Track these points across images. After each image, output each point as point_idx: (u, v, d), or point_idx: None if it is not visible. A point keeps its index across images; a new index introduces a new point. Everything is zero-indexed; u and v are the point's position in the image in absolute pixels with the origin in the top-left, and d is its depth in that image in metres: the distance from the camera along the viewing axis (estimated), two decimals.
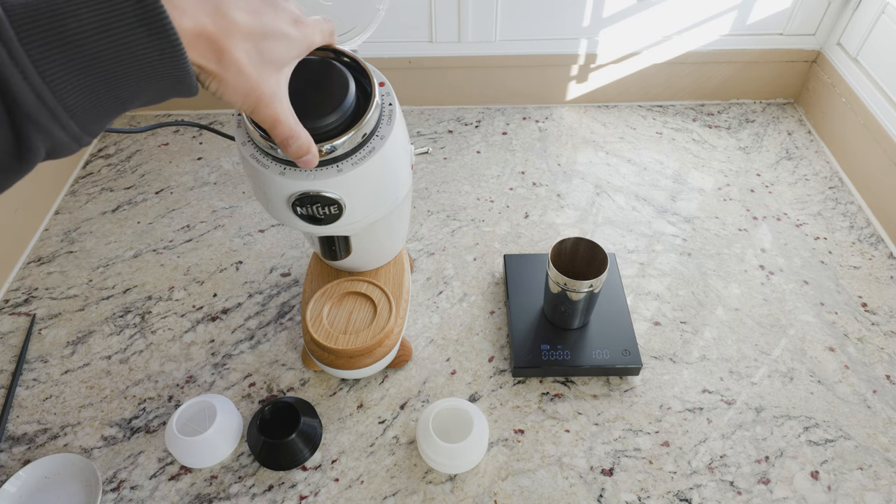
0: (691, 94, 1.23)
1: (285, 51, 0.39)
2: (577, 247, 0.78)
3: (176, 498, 0.70)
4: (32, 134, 0.29)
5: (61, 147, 0.31)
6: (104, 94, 0.31)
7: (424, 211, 1.03)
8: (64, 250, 0.96)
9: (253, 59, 0.36)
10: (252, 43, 0.36)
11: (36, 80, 0.28)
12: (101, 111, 0.32)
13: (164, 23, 0.30)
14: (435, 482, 0.71)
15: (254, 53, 0.36)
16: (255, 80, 0.37)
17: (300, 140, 0.43)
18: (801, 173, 1.09)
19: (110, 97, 0.31)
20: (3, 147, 0.29)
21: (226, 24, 0.34)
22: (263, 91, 0.38)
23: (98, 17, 0.29)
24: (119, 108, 0.33)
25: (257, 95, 0.38)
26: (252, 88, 0.37)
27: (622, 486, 0.71)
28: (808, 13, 1.12)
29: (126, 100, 0.32)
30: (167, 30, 0.30)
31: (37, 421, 0.77)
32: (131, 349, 0.84)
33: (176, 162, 1.12)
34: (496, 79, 1.19)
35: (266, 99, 0.38)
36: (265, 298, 0.90)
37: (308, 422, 0.73)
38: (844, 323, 0.86)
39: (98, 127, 0.33)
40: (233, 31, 0.35)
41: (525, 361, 0.78)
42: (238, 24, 0.35)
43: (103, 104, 0.32)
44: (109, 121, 0.33)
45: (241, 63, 0.35)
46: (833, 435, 0.75)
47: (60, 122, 0.30)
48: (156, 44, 0.30)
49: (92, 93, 0.30)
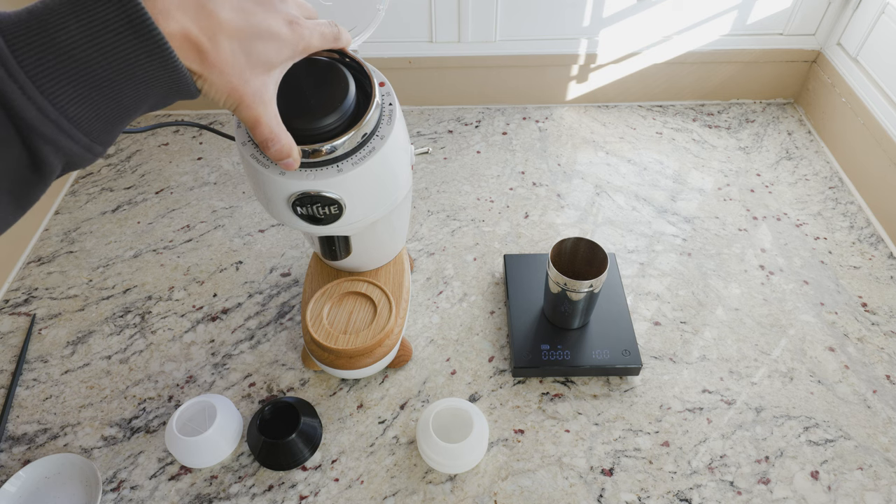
0: (691, 94, 1.23)
1: (275, 52, 0.38)
2: (577, 247, 0.78)
3: (176, 498, 0.70)
4: (42, 146, 0.30)
5: (76, 158, 0.32)
6: (105, 102, 0.31)
7: (424, 211, 1.03)
8: (64, 250, 0.96)
9: (238, 60, 0.36)
10: (238, 43, 0.36)
11: (35, 94, 0.29)
12: (107, 120, 0.32)
13: (148, 26, 0.30)
14: (435, 482, 0.71)
15: (240, 54, 0.36)
16: (238, 81, 0.37)
17: (279, 143, 0.42)
18: (801, 173, 1.09)
19: (112, 105, 0.32)
20: (19, 161, 0.30)
21: (210, 25, 0.34)
22: (245, 92, 0.37)
23: (85, 27, 0.29)
24: (124, 115, 0.33)
25: (239, 96, 0.37)
26: (234, 89, 0.37)
27: (622, 486, 0.71)
28: (808, 13, 1.12)
29: (129, 107, 0.33)
30: (152, 33, 0.31)
31: (37, 421, 0.77)
32: (131, 349, 0.84)
33: (176, 162, 1.12)
34: (496, 79, 1.19)
35: (248, 100, 0.38)
36: (265, 298, 0.90)
37: (308, 422, 0.73)
38: (844, 323, 0.86)
39: (108, 136, 0.33)
40: (217, 32, 0.34)
41: (525, 361, 0.78)
42: (223, 24, 0.34)
43: (106, 112, 0.32)
44: (118, 128, 0.33)
45: (224, 63, 0.35)
46: (833, 435, 0.75)
47: (67, 132, 0.30)
48: (143, 48, 0.31)
49: (92, 102, 0.31)
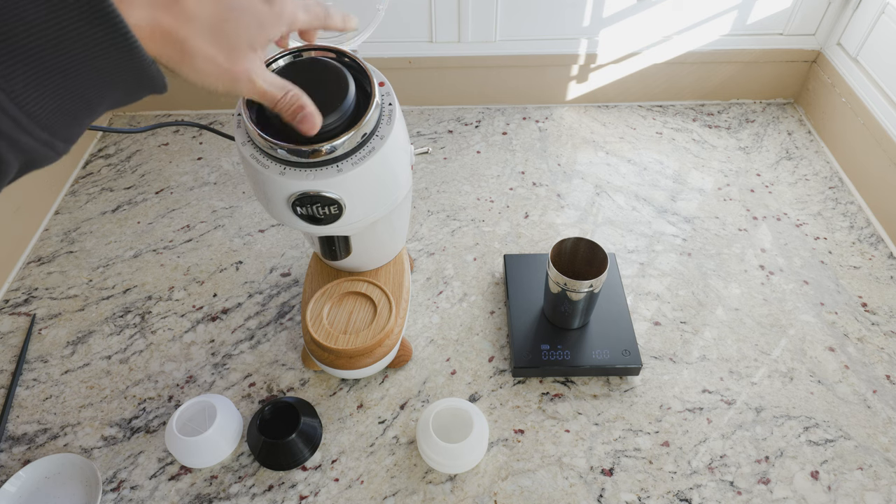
0: (691, 94, 1.23)
1: (255, 31, 0.37)
2: (577, 247, 0.78)
3: (176, 498, 0.70)
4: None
5: (36, 155, 0.30)
6: (66, 95, 0.30)
7: (424, 211, 1.03)
8: (64, 250, 0.96)
9: (219, 44, 0.35)
10: (214, 28, 0.35)
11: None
12: (69, 114, 0.31)
13: (109, 12, 0.29)
14: (435, 482, 0.71)
15: (220, 37, 0.35)
16: (226, 64, 0.36)
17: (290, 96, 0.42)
18: (801, 173, 1.09)
19: (74, 98, 0.30)
20: None
21: (180, 12, 0.33)
22: (237, 72, 0.37)
23: (43, 15, 0.28)
24: (87, 109, 0.32)
25: (231, 77, 0.37)
26: (225, 71, 0.36)
27: (622, 486, 0.71)
28: (808, 13, 1.12)
29: (92, 100, 0.31)
30: (113, 20, 0.29)
31: (37, 421, 0.77)
32: (131, 349, 0.84)
33: (176, 162, 1.12)
34: (496, 79, 1.19)
35: (242, 78, 0.37)
36: (265, 298, 0.90)
37: (308, 422, 0.73)
38: (844, 323, 0.86)
39: (70, 132, 0.31)
40: (190, 19, 0.33)
41: (525, 361, 0.78)
42: (194, 11, 0.33)
43: (68, 106, 0.30)
44: (82, 125, 0.32)
45: (205, 50, 0.34)
46: (833, 435, 0.75)
47: (24, 127, 0.29)
48: (104, 36, 0.29)
49: (53, 95, 0.29)
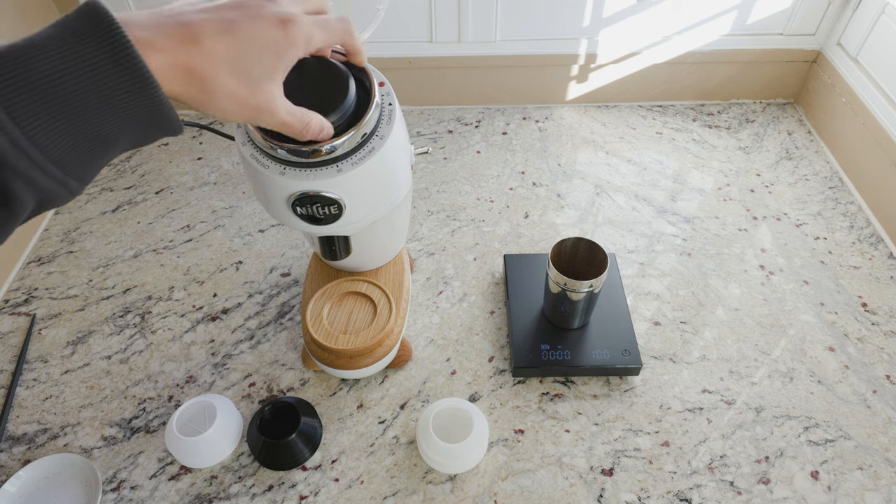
0: (691, 94, 1.23)
1: (273, 59, 0.37)
2: (577, 247, 0.78)
3: (176, 498, 0.70)
4: (12, 181, 0.29)
5: (51, 195, 0.31)
6: (81, 136, 0.30)
7: (424, 211, 1.03)
8: (64, 250, 0.96)
9: (238, 77, 0.36)
10: (231, 62, 0.35)
11: (8, 125, 0.27)
12: (83, 154, 0.31)
13: (132, 57, 0.30)
14: (435, 482, 0.71)
15: (238, 71, 0.35)
16: (246, 97, 0.36)
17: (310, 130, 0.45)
18: (801, 173, 1.09)
19: (89, 139, 0.31)
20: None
21: (200, 52, 0.34)
22: (259, 103, 0.37)
23: (66, 58, 0.28)
24: (102, 150, 0.32)
25: (253, 109, 0.37)
26: (246, 104, 0.37)
27: (622, 486, 0.71)
28: (808, 13, 1.12)
29: (107, 141, 0.32)
30: (135, 64, 0.30)
31: (37, 421, 0.77)
32: (131, 349, 0.84)
33: (176, 162, 1.12)
34: (496, 79, 1.19)
35: (264, 108, 0.38)
36: (265, 298, 0.90)
37: (308, 422, 0.73)
38: (844, 323, 0.86)
39: (86, 171, 0.32)
40: (209, 56, 0.34)
41: (525, 361, 0.78)
42: (214, 50, 0.34)
43: (83, 147, 0.31)
44: (97, 164, 0.32)
45: (225, 85, 0.35)
46: (833, 435, 0.75)
47: (40, 166, 0.29)
48: (125, 79, 0.30)
49: (69, 136, 0.30)
